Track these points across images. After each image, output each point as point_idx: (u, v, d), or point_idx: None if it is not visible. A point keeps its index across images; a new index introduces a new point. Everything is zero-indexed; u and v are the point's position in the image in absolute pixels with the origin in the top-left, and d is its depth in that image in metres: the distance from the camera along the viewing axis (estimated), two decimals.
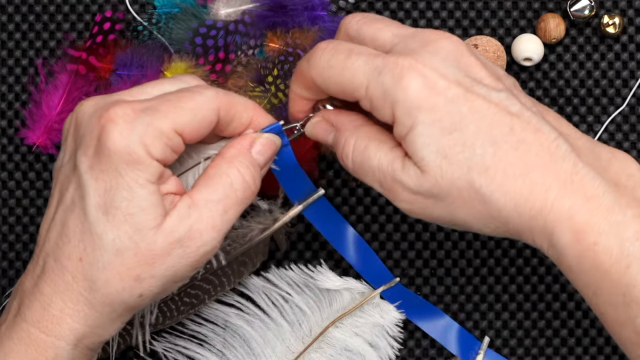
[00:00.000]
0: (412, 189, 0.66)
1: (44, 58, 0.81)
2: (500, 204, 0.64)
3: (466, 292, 0.79)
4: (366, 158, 0.68)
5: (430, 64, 0.65)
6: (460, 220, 0.67)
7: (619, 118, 0.79)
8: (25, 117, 0.80)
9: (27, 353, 0.66)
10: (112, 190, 0.64)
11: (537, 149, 0.64)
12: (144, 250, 0.65)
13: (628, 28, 0.78)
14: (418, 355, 0.80)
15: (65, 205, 0.66)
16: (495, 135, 0.64)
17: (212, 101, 0.66)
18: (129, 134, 0.63)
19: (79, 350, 0.66)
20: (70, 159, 0.67)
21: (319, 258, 0.81)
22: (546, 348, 0.78)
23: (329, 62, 0.68)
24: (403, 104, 0.65)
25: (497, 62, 0.76)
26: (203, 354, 0.78)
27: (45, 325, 0.65)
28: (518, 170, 0.64)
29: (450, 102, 0.65)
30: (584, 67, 0.79)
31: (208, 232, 0.65)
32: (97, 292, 0.65)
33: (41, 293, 0.66)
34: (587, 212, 0.64)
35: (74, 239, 0.65)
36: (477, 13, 0.80)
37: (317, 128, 0.71)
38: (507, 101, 0.65)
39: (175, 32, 0.80)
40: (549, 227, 0.64)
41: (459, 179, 0.65)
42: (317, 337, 0.78)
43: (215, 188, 0.66)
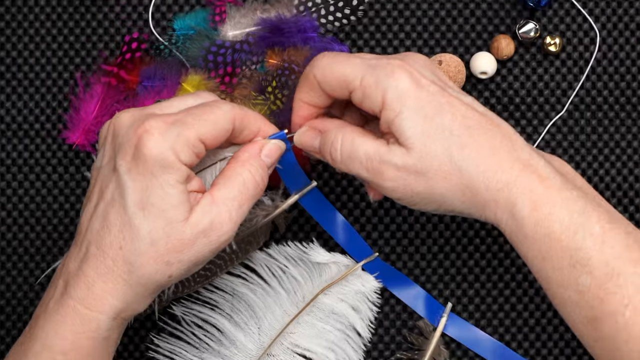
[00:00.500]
0: (398, 166, 0.71)
1: (82, 72, 0.87)
2: (474, 175, 0.70)
3: (432, 266, 0.85)
4: (354, 149, 0.73)
5: (414, 66, 0.72)
6: (437, 194, 0.72)
7: (559, 122, 0.86)
8: (67, 121, 0.86)
9: (74, 325, 0.71)
10: (148, 190, 0.69)
11: (501, 137, 0.71)
12: (174, 240, 0.70)
13: (566, 47, 0.85)
14: (392, 318, 0.85)
15: (106, 201, 0.71)
16: (468, 123, 0.71)
17: (229, 114, 0.72)
18: (162, 143, 0.68)
19: (116, 322, 0.72)
20: (110, 162, 0.72)
21: (311, 237, 0.86)
22: (498, 312, 0.84)
23: (330, 62, 0.74)
24: (394, 91, 0.71)
25: (458, 75, 0.83)
26: (214, 316, 0.84)
27: (89, 302, 0.70)
28: (488, 151, 0.70)
29: (431, 95, 0.71)
30: (530, 79, 0.86)
31: (226, 223, 0.71)
32: (134, 274, 0.70)
33: (85, 275, 0.70)
34: (543, 188, 0.70)
35: (115, 230, 0.70)
36: (441, 34, 0.86)
37: (304, 136, 0.77)
38: (474, 103, 0.73)
39: (191, 50, 0.86)
40: (512, 198, 0.70)
41: (441, 153, 0.71)
42: (309, 303, 0.84)
43: (231, 187, 0.72)
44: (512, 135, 0.72)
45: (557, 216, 0.69)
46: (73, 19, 0.86)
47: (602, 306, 0.69)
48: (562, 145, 0.85)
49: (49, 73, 0.87)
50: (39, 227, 0.86)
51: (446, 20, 0.85)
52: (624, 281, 0.68)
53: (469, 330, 0.85)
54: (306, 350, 0.84)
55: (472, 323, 0.85)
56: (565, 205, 0.70)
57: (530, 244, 0.70)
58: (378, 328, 0.85)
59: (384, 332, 0.84)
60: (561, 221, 0.69)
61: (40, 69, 0.86)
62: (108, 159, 0.72)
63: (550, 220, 0.69)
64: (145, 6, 0.86)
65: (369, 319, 0.86)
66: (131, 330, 0.84)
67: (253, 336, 0.84)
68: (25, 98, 0.87)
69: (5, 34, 0.86)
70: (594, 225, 0.69)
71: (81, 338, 0.70)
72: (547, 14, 0.85)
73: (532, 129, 0.84)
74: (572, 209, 0.69)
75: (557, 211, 0.69)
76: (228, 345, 0.84)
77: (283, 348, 0.84)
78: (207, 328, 0.83)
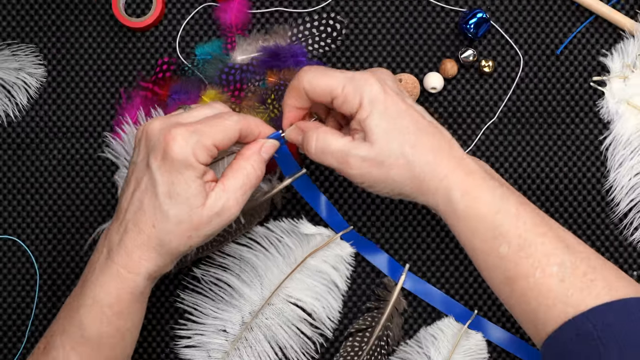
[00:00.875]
0: (362, 157, 0.74)
1: (125, 87, 0.92)
2: (420, 168, 0.75)
3: (394, 236, 0.92)
4: (326, 144, 0.76)
5: (383, 79, 0.76)
6: (391, 180, 0.75)
7: (491, 127, 0.92)
8: (113, 125, 0.91)
9: (116, 284, 0.75)
10: (174, 184, 0.72)
11: (442, 140, 0.76)
12: (195, 221, 0.73)
13: (497, 68, 0.92)
14: (363, 276, 0.91)
15: (141, 190, 0.74)
16: (419, 127, 0.75)
17: (237, 124, 0.75)
18: (185, 147, 0.72)
19: (149, 281, 0.76)
20: (143, 160, 0.75)
21: (301, 214, 0.91)
22: (445, 272, 0.92)
23: (315, 75, 0.76)
24: (369, 95, 0.74)
25: (414, 90, 0.89)
26: (227, 276, 0.89)
27: (129, 266, 0.74)
28: (432, 150, 0.75)
29: (395, 102, 0.75)
30: (469, 93, 0.92)
31: (234, 206, 0.75)
32: (164, 247, 0.74)
33: (125, 246, 0.74)
34: (472, 179, 0.75)
35: (149, 212, 0.73)
36: (401, 58, 0.92)
37: (292, 132, 0.80)
38: (423, 112, 0.78)
39: (208, 71, 0.89)
40: (448, 186, 0.75)
41: (397, 149, 0.74)
42: (299, 264, 0.89)
43: (238, 178, 0.75)
44: (450, 140, 0.77)
45: (483, 200, 0.74)
46: (118, 46, 0.92)
47: (517, 268, 0.73)
48: (494, 144, 0.92)
49: (100, 88, 0.92)
50: (87, 201, 0.92)
51: (405, 47, 0.92)
52: (534, 250, 0.73)
53: (422, 285, 0.91)
54: (298, 300, 0.88)
55: (424, 280, 0.91)
56: (489, 191, 0.75)
57: (462, 222, 0.75)
58: (353, 284, 0.91)
59: (357, 287, 0.91)
60: (486, 204, 0.74)
61: (93, 85, 0.92)
62: (142, 157, 0.75)
63: (477, 203, 0.74)
64: (174, 37, 0.91)
65: (346, 276, 0.90)
66: (163, 286, 0.90)
67: (256, 290, 0.88)
68: (83, 107, 0.92)
69: (66, 58, 0.92)
70: (511, 207, 0.74)
71: (122, 293, 0.74)
72: (482, 43, 0.91)
73: (470, 132, 0.92)
74: (494, 194, 0.74)
75: (483, 196, 0.74)
76: (237, 298, 0.88)
77: (280, 299, 0.88)
78: (221, 285, 0.89)
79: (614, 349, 0.69)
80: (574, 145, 0.93)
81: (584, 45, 0.93)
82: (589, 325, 0.71)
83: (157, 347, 0.92)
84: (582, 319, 0.71)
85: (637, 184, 0.92)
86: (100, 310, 0.74)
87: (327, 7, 0.92)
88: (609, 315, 0.71)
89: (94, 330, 0.75)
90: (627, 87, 0.91)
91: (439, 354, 0.89)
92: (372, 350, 0.89)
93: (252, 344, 0.88)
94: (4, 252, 0.92)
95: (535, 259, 0.73)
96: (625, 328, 0.70)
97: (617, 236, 0.92)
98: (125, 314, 0.75)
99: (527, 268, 0.73)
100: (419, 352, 0.90)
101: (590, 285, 0.72)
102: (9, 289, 0.92)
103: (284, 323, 0.89)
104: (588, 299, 0.72)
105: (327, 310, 0.89)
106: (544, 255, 0.73)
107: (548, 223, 0.75)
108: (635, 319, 0.70)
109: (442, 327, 0.90)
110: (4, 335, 0.92)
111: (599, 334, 0.70)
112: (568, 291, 0.72)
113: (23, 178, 0.92)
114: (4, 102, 0.92)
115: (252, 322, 0.88)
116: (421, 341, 0.90)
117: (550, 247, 0.73)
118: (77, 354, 0.75)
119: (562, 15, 0.93)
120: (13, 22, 0.93)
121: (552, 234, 0.74)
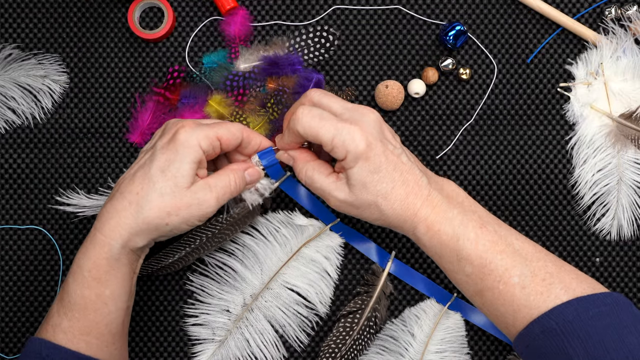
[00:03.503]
0: (340, 200, 0.79)
1: (140, 93, 0.94)
2: (390, 214, 0.79)
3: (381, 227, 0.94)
4: (313, 180, 0.80)
5: (368, 130, 0.77)
6: (365, 218, 0.80)
7: (468, 127, 0.95)
8: (129, 127, 0.94)
9: (94, 249, 0.77)
10: (170, 161, 0.76)
11: (413, 183, 0.79)
12: (177, 199, 0.76)
13: (474, 76, 0.95)
14: (354, 263, 0.94)
15: (139, 164, 0.78)
16: (394, 177, 0.78)
17: (239, 128, 0.80)
18: (191, 133, 0.77)
19: (124, 250, 0.77)
20: (152, 144, 0.79)
21: (295, 207, 0.94)
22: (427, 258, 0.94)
23: (309, 123, 0.77)
24: (354, 152, 0.77)
25: (399, 95, 0.91)
26: (231, 261, 0.92)
27: (105, 231, 0.76)
28: (402, 197, 0.78)
29: (376, 155, 0.77)
30: (448, 98, 0.95)
31: (212, 200, 0.78)
32: (142, 214, 0.76)
33: (107, 211, 0.77)
34: (434, 215, 0.78)
35: (137, 181, 0.76)
36: (387, 66, 0.95)
37: (282, 157, 0.83)
38: (401, 155, 0.79)
39: (214, 78, 0.91)
40: (414, 224, 0.79)
41: (369, 199, 0.78)
42: (295, 253, 0.91)
43: (221, 181, 0.79)
44: (420, 179, 0.79)
45: (444, 231, 0.78)
46: (133, 56, 0.95)
47: (483, 283, 0.76)
48: (471, 144, 0.94)
49: (117, 93, 0.95)
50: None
51: (390, 57, 0.94)
52: (494, 266, 0.76)
53: (407, 270, 0.93)
54: (294, 286, 0.91)
55: (409, 266, 0.94)
56: (448, 223, 0.78)
57: (429, 249, 0.79)
58: (343, 270, 0.94)
59: (347, 272, 0.94)
60: (447, 234, 0.77)
61: (111, 90, 0.95)
62: (152, 144, 0.79)
63: (440, 234, 0.78)
64: (183, 47, 0.94)
65: (336, 264, 0.93)
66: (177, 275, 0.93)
67: (257, 275, 0.90)
68: (102, 110, 0.95)
69: (87, 66, 0.95)
70: (470, 233, 0.77)
71: (99, 259, 0.76)
72: (461, 52, 0.94)
73: (450, 133, 0.94)
74: (453, 224, 0.77)
75: (443, 228, 0.78)
76: (240, 281, 0.91)
77: (278, 284, 0.91)
78: (226, 269, 0.91)
79: (576, 342, 0.71)
80: (543, 144, 0.95)
81: (552, 54, 0.96)
82: (552, 323, 0.73)
83: (168, 326, 0.95)
84: (544, 318, 0.74)
85: (599, 179, 0.95)
86: (81, 274, 0.77)
87: (321, 20, 0.95)
88: (568, 313, 0.73)
89: (77, 294, 0.77)
90: (591, 93, 0.95)
91: (421, 331, 0.92)
92: (362, 329, 0.91)
93: (252, 323, 0.91)
94: (30, 241, 0.96)
95: (497, 274, 0.76)
96: (584, 322, 0.72)
97: (581, 226, 0.95)
98: (103, 280, 0.77)
99: (491, 282, 0.76)
100: (403, 330, 0.93)
101: (550, 288, 0.75)
102: (35, 273, 0.95)
103: (282, 305, 0.91)
104: (548, 301, 0.74)
105: (319, 296, 0.91)
106: (505, 270, 0.76)
107: (506, 240, 0.77)
108: (593, 314, 0.73)
109: (424, 307, 0.93)
110: (30, 315, 0.95)
111: (561, 329, 0.72)
112: (530, 296, 0.75)
113: (48, 174, 0.95)
114: (30, 106, 0.95)
115: (252, 303, 0.90)
116: (406, 320, 0.93)
117: (509, 261, 0.76)
118: (67, 318, 0.78)
119: (532, 27, 0.96)
120: (39, 33, 0.96)
121: (509, 249, 0.76)
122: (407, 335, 0.92)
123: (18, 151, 0.95)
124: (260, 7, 0.94)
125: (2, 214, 0.94)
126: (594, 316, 0.72)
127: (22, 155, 0.95)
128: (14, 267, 0.95)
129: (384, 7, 0.94)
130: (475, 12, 0.94)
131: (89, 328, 0.77)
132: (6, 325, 0.95)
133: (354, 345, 0.90)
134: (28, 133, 0.95)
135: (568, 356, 0.70)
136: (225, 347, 0.91)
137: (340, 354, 0.89)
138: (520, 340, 0.75)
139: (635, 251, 0.95)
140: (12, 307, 0.94)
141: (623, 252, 0.95)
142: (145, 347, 0.94)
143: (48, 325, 0.79)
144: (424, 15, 0.94)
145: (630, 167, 0.94)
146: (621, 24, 0.95)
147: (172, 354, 0.94)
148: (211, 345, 0.91)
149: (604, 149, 0.94)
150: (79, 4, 0.94)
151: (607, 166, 0.94)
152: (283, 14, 0.94)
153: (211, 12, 0.94)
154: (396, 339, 0.92)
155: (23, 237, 0.95)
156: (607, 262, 0.95)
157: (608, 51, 0.94)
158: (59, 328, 0.78)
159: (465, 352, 0.92)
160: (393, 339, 0.92)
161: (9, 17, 0.95)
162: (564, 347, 0.71)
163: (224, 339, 0.90)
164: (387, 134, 0.79)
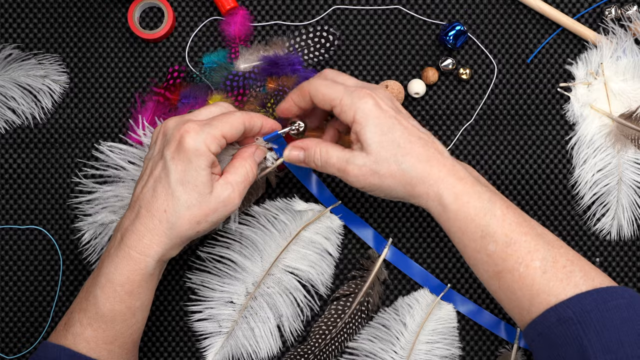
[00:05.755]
0: (359, 165, 0.77)
1: (140, 93, 0.94)
2: (413, 175, 0.77)
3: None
4: (329, 156, 0.79)
5: (379, 95, 0.79)
6: (385, 186, 0.77)
7: (468, 127, 0.95)
8: (129, 126, 0.94)
9: (128, 265, 0.76)
10: (185, 171, 0.75)
11: (434, 150, 0.78)
12: (204, 207, 0.76)
13: (474, 75, 0.95)
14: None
15: (155, 177, 0.76)
16: (411, 138, 0.78)
17: (241, 118, 0.79)
18: (197, 138, 0.75)
19: (158, 263, 0.78)
20: (159, 153, 0.77)
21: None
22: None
23: (321, 83, 0.79)
24: (362, 111, 0.76)
25: (399, 95, 0.92)
26: (229, 253, 0.92)
27: (140, 249, 0.76)
28: (424, 158, 0.77)
29: (388, 116, 0.77)
30: (448, 98, 0.95)
31: (237, 198, 0.78)
32: (174, 230, 0.76)
33: (137, 230, 0.76)
34: (461, 185, 0.77)
35: (161, 198, 0.75)
36: (387, 66, 0.95)
37: (291, 155, 0.82)
38: (417, 125, 0.80)
39: (214, 78, 0.92)
40: (440, 192, 0.77)
41: (389, 158, 0.77)
42: (294, 237, 0.91)
43: (239, 174, 0.78)
44: (441, 149, 0.79)
45: (472, 204, 0.76)
46: (134, 56, 0.95)
47: (504, 264, 0.75)
48: (471, 144, 0.94)
49: (117, 93, 0.95)
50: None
51: (390, 57, 0.95)
52: (518, 247, 0.75)
53: (403, 259, 0.93)
54: (295, 269, 0.91)
55: (405, 254, 0.94)
56: (477, 196, 0.77)
57: (453, 222, 0.77)
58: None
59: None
60: (475, 207, 0.76)
61: (111, 90, 0.95)
62: (157, 151, 0.77)
63: (468, 206, 0.77)
64: (183, 47, 0.94)
65: (337, 244, 0.93)
66: (174, 271, 0.93)
67: (257, 263, 0.90)
68: (102, 110, 0.95)
69: (87, 66, 0.95)
70: (497, 210, 0.76)
71: (133, 274, 0.76)
72: (461, 52, 0.94)
73: (450, 132, 0.95)
74: (482, 198, 0.77)
75: (472, 200, 0.77)
76: (240, 271, 0.90)
77: (279, 269, 0.91)
78: (224, 262, 0.91)
79: (592, 333, 0.71)
80: (543, 144, 0.96)
81: (552, 54, 0.96)
82: (569, 312, 0.73)
83: (173, 321, 0.95)
84: (562, 306, 0.73)
85: (599, 179, 0.95)
86: (113, 289, 0.76)
87: (321, 20, 0.95)
88: (587, 303, 0.73)
89: (107, 307, 0.77)
90: (591, 93, 0.95)
91: (413, 320, 0.92)
92: (353, 313, 0.91)
93: (257, 311, 0.91)
94: (31, 241, 0.96)
95: (519, 255, 0.76)
96: (602, 314, 0.72)
97: (581, 226, 0.96)
98: (136, 293, 0.77)
99: (512, 263, 0.76)
100: (395, 319, 0.93)
101: (570, 276, 0.75)
102: (35, 273, 0.96)
103: (284, 291, 0.91)
104: (567, 289, 0.74)
105: (321, 276, 0.92)
106: (528, 252, 0.76)
107: (530, 223, 0.77)
108: (611, 307, 0.73)
109: (417, 297, 0.93)
110: (30, 315, 0.95)
111: (579, 319, 0.72)
112: (550, 282, 0.75)
113: (48, 174, 0.95)
114: (30, 106, 0.95)
115: (255, 291, 0.91)
116: (398, 309, 0.93)
117: (532, 244, 0.76)
118: (92, 328, 0.78)
119: (532, 27, 0.96)
120: (39, 34, 0.96)
121: (533, 232, 0.76)
122: (398, 324, 0.92)
123: (18, 151, 0.95)
124: (260, 7, 0.95)
125: (2, 214, 0.95)
126: (612, 308, 0.72)
127: (22, 155, 0.95)
128: (14, 267, 0.95)
129: (384, 7, 0.94)
130: (475, 12, 0.95)
131: (113, 337, 0.78)
132: (6, 326, 0.95)
133: (345, 329, 0.91)
134: (28, 133, 0.95)
135: (582, 347, 0.70)
136: (233, 337, 0.91)
137: (330, 335, 0.90)
138: (533, 328, 0.75)
139: (635, 251, 0.95)
140: (12, 307, 0.95)
141: (623, 252, 0.95)
142: (150, 352, 0.95)
143: (68, 334, 0.78)
144: (424, 15, 0.95)
145: (630, 167, 0.94)
146: (621, 24, 0.95)
147: (180, 353, 0.94)
148: (219, 337, 0.91)
149: (604, 149, 0.94)
150: (79, 4, 0.95)
151: (607, 166, 0.94)
152: (283, 14, 0.95)
153: (211, 12, 0.95)
154: (388, 328, 0.92)
155: (23, 237, 0.95)
156: (607, 262, 0.95)
157: (608, 51, 0.94)
158: (81, 337, 0.78)
159: (456, 344, 0.93)
160: (385, 327, 0.93)
161: (9, 17, 0.96)
162: (579, 338, 0.71)
163: (230, 329, 0.91)
164: (401, 108, 0.79)
